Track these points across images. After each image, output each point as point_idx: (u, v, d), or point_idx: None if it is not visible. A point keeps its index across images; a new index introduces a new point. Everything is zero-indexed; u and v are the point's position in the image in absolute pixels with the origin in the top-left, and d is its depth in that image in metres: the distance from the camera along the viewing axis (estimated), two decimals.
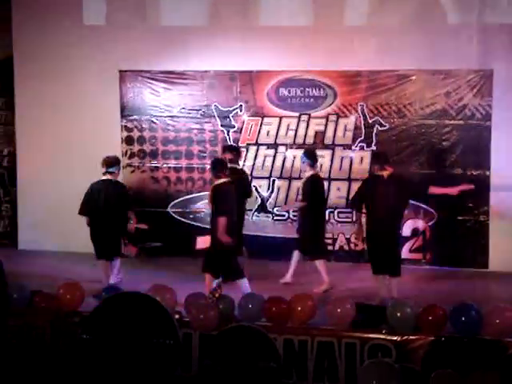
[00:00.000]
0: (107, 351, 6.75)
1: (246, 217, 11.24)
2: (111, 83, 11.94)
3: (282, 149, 11.67)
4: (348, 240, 11.49)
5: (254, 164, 11.74)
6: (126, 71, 11.97)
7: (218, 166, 9.11)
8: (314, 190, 10.05)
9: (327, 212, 10.92)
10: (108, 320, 6.78)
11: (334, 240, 11.51)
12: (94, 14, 12.05)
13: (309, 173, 10.07)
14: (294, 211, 11.16)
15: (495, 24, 10.85)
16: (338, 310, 7.62)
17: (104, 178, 10.05)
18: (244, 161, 11.68)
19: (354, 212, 10.33)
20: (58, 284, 8.32)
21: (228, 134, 11.84)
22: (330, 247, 11.37)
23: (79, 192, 11.99)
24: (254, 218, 11.70)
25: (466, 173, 11.14)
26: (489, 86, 10.94)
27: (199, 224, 11.94)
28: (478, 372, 6.66)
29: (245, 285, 9.00)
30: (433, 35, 10.97)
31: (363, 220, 9.37)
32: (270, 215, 11.73)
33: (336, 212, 11.49)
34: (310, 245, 10.06)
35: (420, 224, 11.34)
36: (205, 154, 11.93)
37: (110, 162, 10.09)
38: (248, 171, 11.68)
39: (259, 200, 11.64)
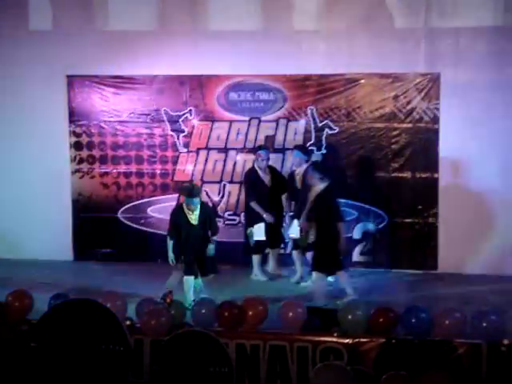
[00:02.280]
0: (57, 359, 6.67)
1: None
2: (59, 88, 11.80)
3: (232, 153, 11.66)
4: None
5: (204, 168, 11.69)
6: (73, 76, 11.84)
7: None
8: None
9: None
10: (57, 327, 6.69)
11: None
12: (40, 18, 11.86)
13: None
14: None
15: (441, 28, 10.96)
16: (290, 314, 7.64)
17: None
18: (194, 165, 11.65)
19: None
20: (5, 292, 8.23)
21: (178, 139, 11.78)
22: None
23: (24, 198, 11.93)
24: None
25: (414, 175, 11.25)
26: (436, 90, 11.05)
27: (150, 229, 11.87)
28: (428, 373, 6.72)
29: None
30: (380, 39, 11.05)
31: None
32: (221, 220, 11.68)
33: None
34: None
35: (370, 227, 11.41)
36: (155, 159, 11.86)
37: None
38: (199, 175, 11.66)
39: (211, 204, 11.56)
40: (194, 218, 9.44)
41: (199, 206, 9.43)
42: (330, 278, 9.90)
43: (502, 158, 10.92)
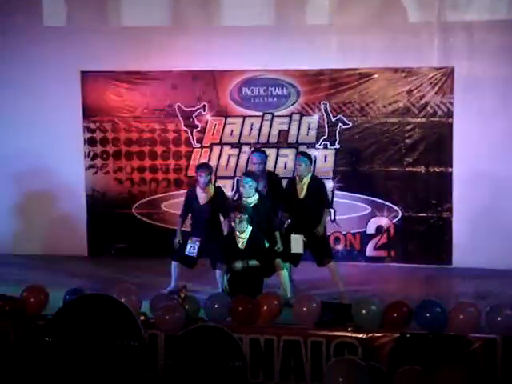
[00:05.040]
0: (71, 354, 6.70)
1: None
2: (73, 84, 11.84)
3: (245, 148, 11.66)
4: None
5: (218, 164, 11.70)
6: (87, 72, 11.88)
7: None
8: None
9: None
10: (72, 322, 6.73)
11: None
12: (54, 14, 11.91)
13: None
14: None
15: (455, 22, 10.93)
16: (304, 309, 7.64)
17: None
18: (208, 161, 11.64)
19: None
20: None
21: (191, 134, 11.81)
22: None
23: (39, 193, 11.99)
24: None
25: (428, 170, 11.23)
26: (450, 84, 11.03)
27: (164, 225, 11.89)
28: (443, 367, 6.72)
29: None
30: (394, 34, 11.02)
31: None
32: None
33: None
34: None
35: (384, 221, 11.40)
36: (168, 155, 11.89)
37: None
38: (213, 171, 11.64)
39: None
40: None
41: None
42: None
43: None
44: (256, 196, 9.21)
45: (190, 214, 9.90)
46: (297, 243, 9.51)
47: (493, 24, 10.83)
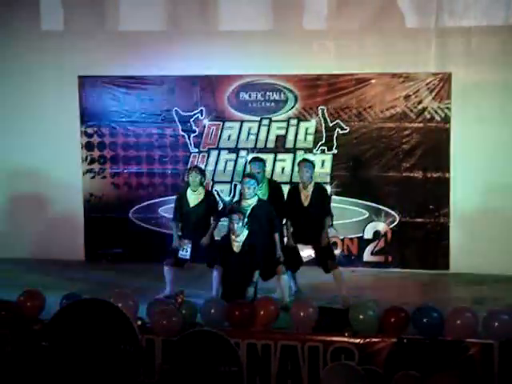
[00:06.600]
0: (68, 358, 6.69)
1: None
2: (70, 89, 11.84)
3: (243, 153, 11.66)
4: None
5: (215, 169, 11.71)
6: (85, 77, 11.87)
7: None
8: None
9: None
10: (68, 327, 6.72)
11: None
12: (52, 19, 11.91)
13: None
14: None
15: (453, 27, 10.95)
16: (301, 314, 7.64)
17: None
18: (205, 165, 11.64)
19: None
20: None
21: (189, 139, 11.80)
22: None
23: (36, 198, 11.98)
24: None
25: (426, 175, 11.22)
26: (447, 89, 11.03)
27: (161, 230, 11.88)
28: (439, 373, 6.71)
29: None
30: (392, 39, 11.04)
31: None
32: None
33: None
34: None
35: (381, 226, 11.39)
36: (166, 159, 11.89)
37: None
38: (210, 176, 11.64)
39: (221, 204, 11.58)
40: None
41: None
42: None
43: None
44: (255, 198, 9.23)
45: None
46: (306, 251, 9.49)
47: (490, 29, 10.85)
